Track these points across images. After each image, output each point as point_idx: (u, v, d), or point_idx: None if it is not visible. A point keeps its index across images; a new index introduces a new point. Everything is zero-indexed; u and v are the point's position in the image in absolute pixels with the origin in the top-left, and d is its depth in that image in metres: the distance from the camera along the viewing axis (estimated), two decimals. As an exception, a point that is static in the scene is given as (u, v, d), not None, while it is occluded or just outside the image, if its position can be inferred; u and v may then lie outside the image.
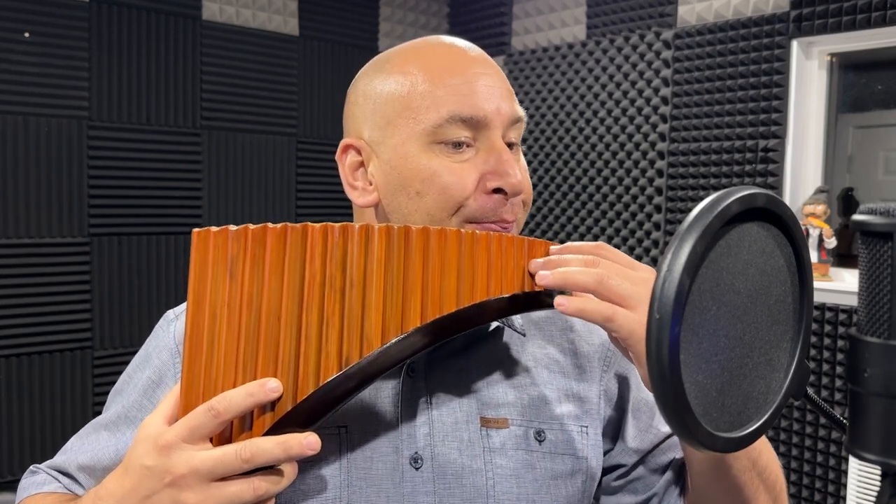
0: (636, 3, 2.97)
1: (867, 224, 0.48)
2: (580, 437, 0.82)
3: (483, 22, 3.57)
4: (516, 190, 0.76)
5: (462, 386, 0.78)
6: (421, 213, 0.75)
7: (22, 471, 2.60)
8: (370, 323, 0.64)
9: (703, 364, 0.52)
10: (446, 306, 0.66)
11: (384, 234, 0.65)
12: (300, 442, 0.60)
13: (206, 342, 0.63)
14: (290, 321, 0.63)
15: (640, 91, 2.97)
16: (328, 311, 0.63)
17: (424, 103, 0.75)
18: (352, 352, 0.63)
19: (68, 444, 0.84)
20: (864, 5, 2.37)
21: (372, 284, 0.64)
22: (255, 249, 0.63)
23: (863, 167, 2.88)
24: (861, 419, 0.48)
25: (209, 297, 0.63)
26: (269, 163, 3.15)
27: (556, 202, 3.28)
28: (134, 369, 0.83)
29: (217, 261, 0.63)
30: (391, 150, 0.77)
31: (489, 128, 0.76)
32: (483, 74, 0.77)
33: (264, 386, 0.61)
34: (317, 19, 3.25)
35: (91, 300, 2.74)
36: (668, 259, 0.50)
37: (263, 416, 0.62)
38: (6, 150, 2.54)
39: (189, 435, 0.60)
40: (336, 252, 0.64)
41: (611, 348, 0.88)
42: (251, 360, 0.63)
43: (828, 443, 2.48)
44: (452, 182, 0.74)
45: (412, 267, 0.66)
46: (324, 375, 0.62)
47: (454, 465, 0.75)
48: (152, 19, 2.82)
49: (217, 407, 0.60)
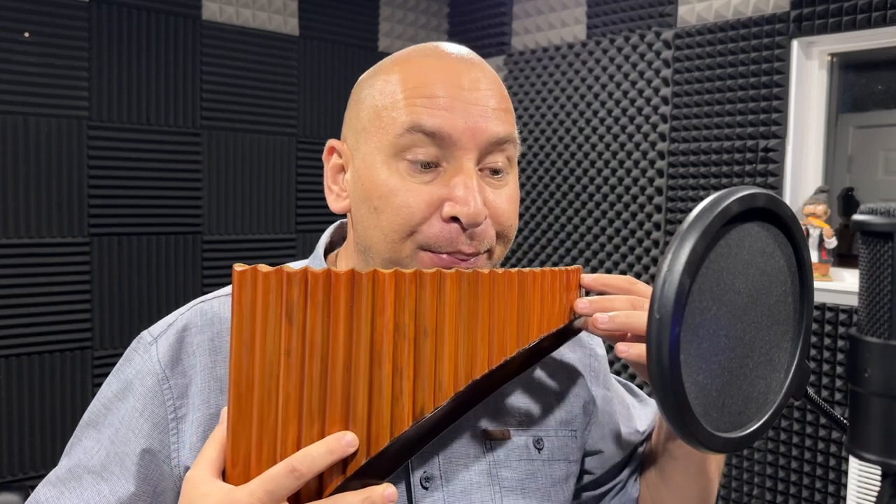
0: (636, 3, 2.97)
1: (867, 224, 0.47)
2: (571, 442, 0.84)
3: (483, 22, 3.57)
4: (472, 221, 0.68)
5: None
6: (377, 231, 0.71)
7: (22, 471, 2.60)
8: (443, 372, 0.62)
9: (703, 364, 0.52)
10: (509, 349, 0.66)
11: (455, 279, 0.64)
12: (382, 495, 0.58)
13: (258, 389, 0.59)
14: (363, 372, 0.60)
15: (640, 91, 2.97)
16: (401, 360, 0.61)
17: (393, 113, 0.70)
18: (426, 402, 0.61)
19: (39, 497, 0.74)
20: (864, 5, 2.37)
21: (444, 332, 0.63)
22: (319, 295, 0.59)
23: (863, 167, 2.88)
24: (861, 419, 0.48)
25: (260, 342, 0.59)
26: (269, 163, 3.15)
27: (557, 202, 3.28)
28: (111, 399, 0.75)
29: (270, 304, 0.59)
30: (361, 160, 0.73)
31: (458, 147, 0.69)
32: (468, 90, 0.70)
33: (341, 441, 0.58)
34: (317, 19, 3.25)
35: (91, 300, 2.74)
36: (668, 259, 0.50)
37: (334, 471, 0.60)
38: (6, 150, 2.54)
39: (268, 499, 0.57)
40: (409, 300, 0.61)
41: (594, 357, 0.90)
42: (318, 411, 0.60)
43: (828, 443, 2.48)
44: (407, 203, 0.69)
45: (480, 313, 0.65)
46: (398, 428, 0.61)
47: (463, 482, 0.75)
48: (152, 19, 2.82)
49: (300, 468, 0.57)
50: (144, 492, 0.72)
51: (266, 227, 3.15)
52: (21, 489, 2.16)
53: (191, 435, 0.72)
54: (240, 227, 3.08)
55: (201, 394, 0.73)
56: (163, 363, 0.74)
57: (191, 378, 0.74)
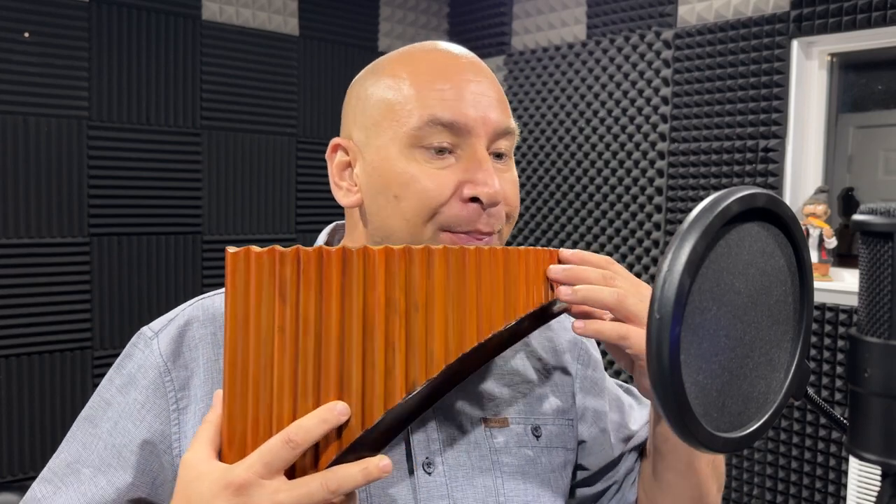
0: (636, 3, 2.97)
1: (867, 224, 0.47)
2: (568, 431, 0.86)
3: (483, 22, 3.57)
4: (492, 200, 0.74)
5: (462, 390, 0.80)
6: (397, 218, 0.75)
7: (22, 471, 2.60)
8: (434, 345, 0.64)
9: (703, 364, 0.52)
10: (496, 323, 0.67)
11: (443, 255, 0.65)
12: (378, 466, 0.59)
13: (253, 367, 0.60)
14: (355, 346, 0.62)
15: (641, 91, 2.97)
16: (393, 334, 0.63)
17: (408, 107, 0.75)
18: (418, 374, 0.63)
19: (36, 493, 0.74)
20: (864, 5, 2.37)
21: (434, 307, 0.64)
22: (311, 273, 0.61)
23: (863, 167, 2.88)
24: (861, 419, 0.48)
25: (254, 321, 0.60)
26: (269, 163, 3.15)
27: (557, 202, 3.28)
28: (113, 394, 0.76)
29: (263, 283, 0.60)
30: (374, 153, 0.76)
31: (472, 135, 0.74)
32: (473, 82, 0.76)
33: (333, 410, 0.60)
34: (317, 19, 3.25)
35: (91, 300, 2.74)
36: (668, 259, 0.50)
37: (329, 444, 0.61)
38: (6, 150, 2.54)
39: (266, 471, 0.58)
40: (399, 276, 0.63)
41: (580, 346, 0.92)
42: (313, 386, 0.61)
43: (828, 443, 2.48)
44: (429, 188, 0.73)
45: (468, 287, 0.66)
46: (391, 400, 0.62)
47: (464, 468, 0.76)
48: (152, 19, 2.82)
49: (295, 438, 0.58)
50: (143, 482, 0.73)
51: (266, 227, 3.15)
52: (21, 489, 2.16)
53: (192, 426, 0.73)
54: (240, 227, 3.08)
55: (203, 386, 0.74)
56: (164, 356, 0.75)
57: (192, 371, 0.75)
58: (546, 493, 0.80)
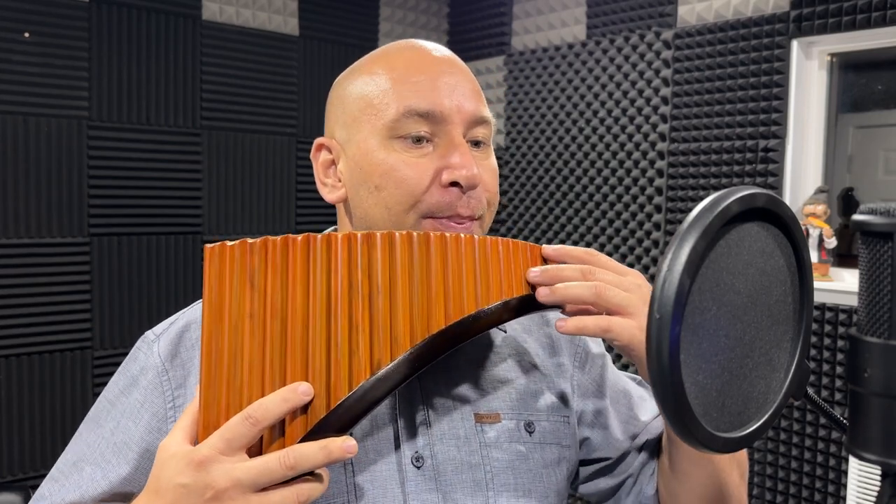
0: (636, 3, 2.97)
1: (867, 224, 0.48)
2: (564, 427, 0.86)
3: (483, 22, 3.57)
4: (471, 182, 0.75)
5: (454, 384, 0.80)
6: (380, 207, 0.76)
7: (22, 471, 2.60)
8: (398, 327, 0.65)
9: (703, 364, 0.52)
10: (468, 308, 0.68)
11: (406, 240, 0.67)
12: (340, 446, 0.60)
13: (227, 354, 0.62)
14: (319, 329, 0.63)
15: (641, 91, 2.97)
16: (357, 317, 0.64)
17: (385, 100, 0.77)
18: (383, 355, 0.64)
19: (43, 491, 0.78)
20: (864, 5, 2.37)
21: (398, 289, 0.66)
22: (277, 260, 0.64)
23: (863, 167, 2.88)
24: (861, 419, 0.48)
25: (228, 310, 0.63)
26: (269, 163, 3.15)
27: (556, 202, 3.28)
28: (116, 395, 0.79)
29: (235, 273, 0.63)
30: (355, 147, 0.79)
31: (448, 123, 0.76)
32: (447, 73, 0.78)
33: (296, 390, 0.61)
34: (317, 19, 3.25)
35: (91, 300, 2.74)
36: (668, 259, 0.50)
37: (295, 424, 0.62)
38: (6, 150, 2.54)
39: (226, 447, 0.60)
40: (362, 260, 0.65)
41: (579, 344, 0.92)
42: (279, 369, 0.63)
43: (828, 443, 2.48)
44: (409, 176, 0.75)
45: (434, 272, 0.67)
46: (356, 380, 0.63)
47: (454, 462, 0.77)
48: (152, 19, 2.82)
49: (254, 415, 0.60)
50: (138, 479, 0.75)
51: (266, 227, 3.15)
52: (21, 489, 2.16)
53: None
54: (240, 227, 3.08)
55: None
56: (163, 357, 0.78)
57: (189, 370, 0.77)
58: (537, 489, 0.80)
